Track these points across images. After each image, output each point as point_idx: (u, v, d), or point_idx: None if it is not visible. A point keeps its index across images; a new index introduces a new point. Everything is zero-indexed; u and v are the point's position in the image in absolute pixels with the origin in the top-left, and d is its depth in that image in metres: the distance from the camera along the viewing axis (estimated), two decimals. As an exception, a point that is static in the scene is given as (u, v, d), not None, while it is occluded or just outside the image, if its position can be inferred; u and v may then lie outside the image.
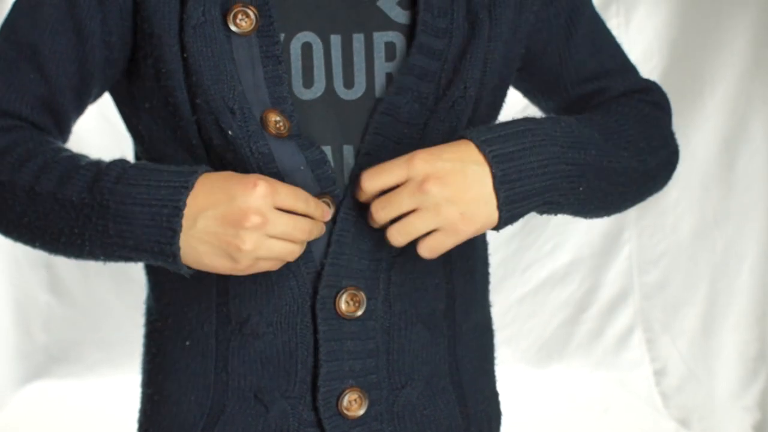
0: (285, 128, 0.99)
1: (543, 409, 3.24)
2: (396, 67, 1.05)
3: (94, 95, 1.07)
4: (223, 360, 1.05)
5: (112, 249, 0.95)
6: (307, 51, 1.02)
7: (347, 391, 1.04)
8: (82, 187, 0.94)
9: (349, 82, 1.03)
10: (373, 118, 1.01)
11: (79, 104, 1.05)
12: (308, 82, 1.02)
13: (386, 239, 0.97)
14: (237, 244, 0.92)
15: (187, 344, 1.08)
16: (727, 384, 3.17)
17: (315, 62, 1.02)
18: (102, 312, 3.33)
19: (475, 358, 1.16)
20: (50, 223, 0.96)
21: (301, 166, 1.00)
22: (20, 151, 0.98)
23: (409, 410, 1.08)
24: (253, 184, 0.92)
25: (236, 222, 0.92)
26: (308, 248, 1.01)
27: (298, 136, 1.00)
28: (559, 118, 1.04)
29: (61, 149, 1.00)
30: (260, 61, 0.99)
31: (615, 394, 3.34)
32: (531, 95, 1.23)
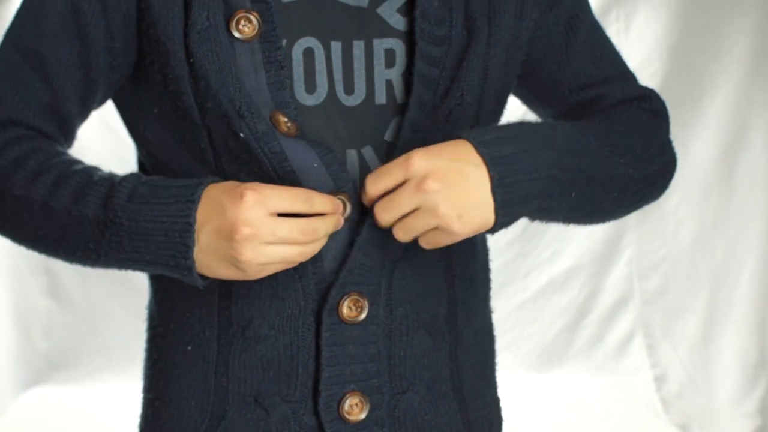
0: (294, 128, 1.00)
1: (543, 415, 3.24)
2: (395, 74, 1.05)
3: (99, 101, 1.08)
4: (224, 364, 1.05)
5: (128, 263, 0.98)
6: (309, 57, 1.03)
7: (348, 395, 1.04)
8: (97, 203, 0.96)
9: (350, 89, 1.04)
10: (404, 125, 1.01)
11: (83, 110, 1.06)
12: (310, 87, 1.03)
13: (392, 236, 0.98)
14: (235, 256, 0.93)
15: (189, 349, 1.08)
16: (727, 390, 3.17)
17: (317, 68, 1.03)
18: (102, 318, 3.33)
19: (476, 363, 1.16)
20: (66, 237, 0.98)
21: (315, 164, 1.00)
22: (32, 164, 0.99)
23: (410, 415, 1.08)
24: (240, 195, 0.93)
25: (229, 235, 0.93)
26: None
27: (306, 137, 1.01)
28: (556, 123, 1.05)
29: (73, 161, 1.01)
30: (263, 67, 0.99)
31: (615, 400, 3.33)
32: (529, 102, 1.23)
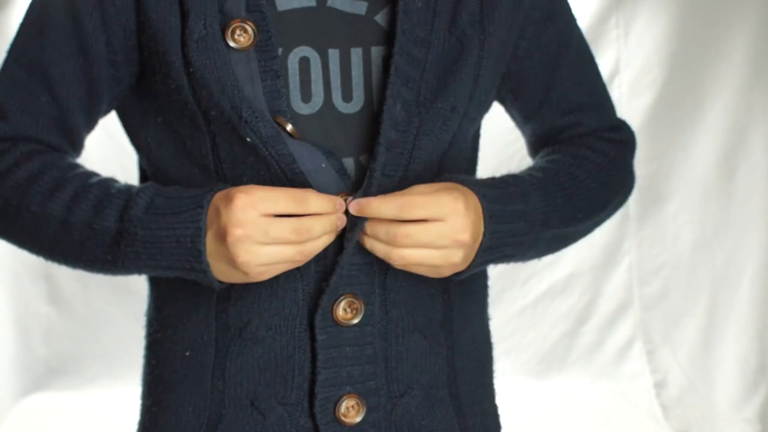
0: (297, 131, 1.00)
1: (543, 421, 3.24)
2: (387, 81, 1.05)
3: (104, 111, 1.10)
4: (221, 368, 1.06)
5: (147, 270, 1.01)
6: (304, 65, 1.03)
7: (345, 397, 1.04)
8: (115, 216, 0.98)
9: (348, 96, 1.04)
10: (382, 130, 1.01)
11: (90, 121, 1.09)
12: (306, 96, 1.03)
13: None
14: (232, 259, 0.95)
15: (187, 354, 1.08)
16: (727, 396, 3.16)
17: (313, 76, 1.03)
18: (102, 324, 3.33)
19: (474, 370, 1.16)
20: (86, 249, 1.01)
21: (323, 164, 1.01)
22: (47, 180, 1.01)
23: (407, 419, 1.08)
24: (230, 198, 0.94)
25: (223, 238, 0.94)
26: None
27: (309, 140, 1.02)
28: (544, 188, 1.09)
29: (87, 174, 1.03)
30: (259, 76, 1.00)
31: (615, 406, 3.33)
32: (511, 115, 1.25)
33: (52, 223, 1.00)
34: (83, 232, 1.00)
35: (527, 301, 3.42)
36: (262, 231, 0.94)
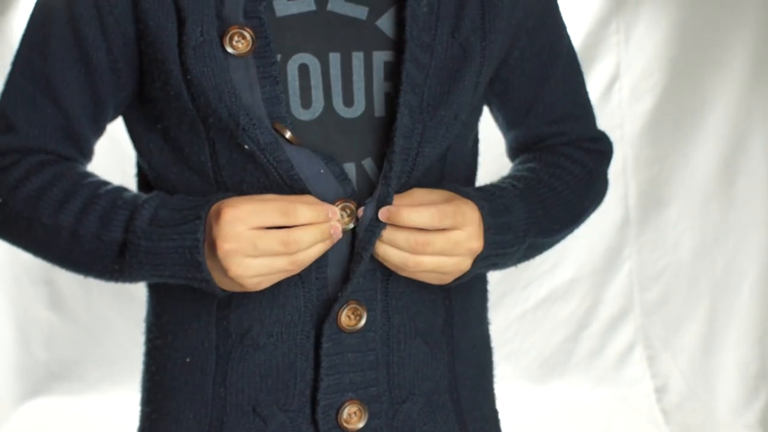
0: (296, 137, 1.00)
1: (544, 426, 3.23)
2: (394, 87, 1.05)
3: (111, 117, 1.11)
4: (222, 375, 1.06)
5: (153, 278, 1.02)
6: (304, 72, 1.03)
7: (347, 403, 1.04)
8: (121, 226, 1.00)
9: (349, 101, 1.04)
10: (396, 137, 1.01)
11: (96, 128, 1.10)
12: (306, 102, 1.03)
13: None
14: (224, 271, 0.96)
15: (188, 361, 1.08)
16: (728, 401, 3.16)
17: (312, 82, 1.03)
18: (103, 329, 3.33)
19: (474, 375, 1.16)
20: (96, 260, 1.02)
21: (321, 170, 1.01)
22: (57, 191, 1.02)
23: (409, 425, 1.09)
24: (218, 213, 0.95)
25: (214, 251, 0.95)
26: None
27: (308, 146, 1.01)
28: (525, 199, 1.11)
29: (97, 184, 1.04)
30: (258, 82, 0.99)
31: (616, 411, 3.33)
32: (495, 118, 1.26)
33: (63, 235, 1.01)
34: (92, 243, 1.01)
35: (528, 305, 3.41)
36: (251, 244, 0.94)
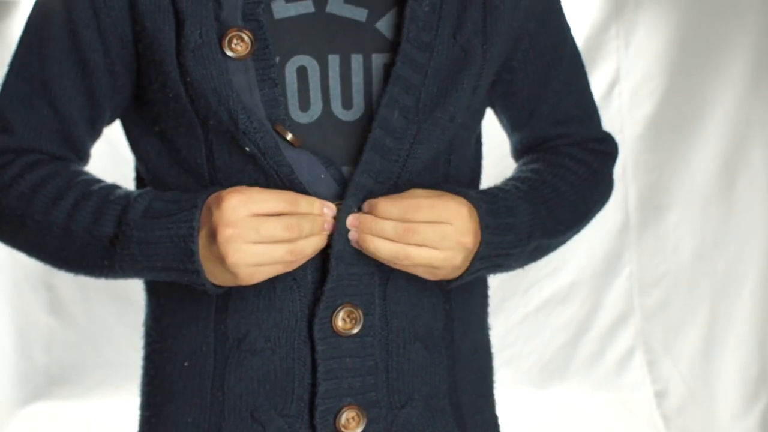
0: (297, 139, 1.00)
1: (544, 431, 3.23)
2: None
3: (107, 120, 1.11)
4: (220, 379, 1.05)
5: (144, 272, 1.02)
6: (302, 74, 1.03)
7: (345, 408, 1.04)
8: (113, 221, 0.99)
9: (348, 103, 1.04)
10: (371, 134, 1.01)
11: (93, 131, 1.10)
12: (304, 104, 1.03)
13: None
14: (222, 258, 0.95)
15: (186, 365, 1.08)
16: (728, 406, 3.16)
17: (311, 85, 1.03)
18: (103, 333, 3.33)
19: (474, 380, 1.16)
20: (86, 255, 1.02)
21: (322, 174, 1.01)
22: (50, 188, 1.02)
23: (408, 430, 1.08)
24: (222, 197, 0.95)
25: (214, 237, 0.95)
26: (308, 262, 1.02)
27: (309, 148, 1.02)
28: (530, 201, 1.11)
29: (89, 181, 1.04)
30: (257, 84, 1.00)
31: (616, 416, 3.33)
32: (500, 120, 1.26)
33: (55, 231, 1.01)
34: (84, 239, 1.01)
35: (528, 310, 3.41)
36: (253, 229, 0.94)
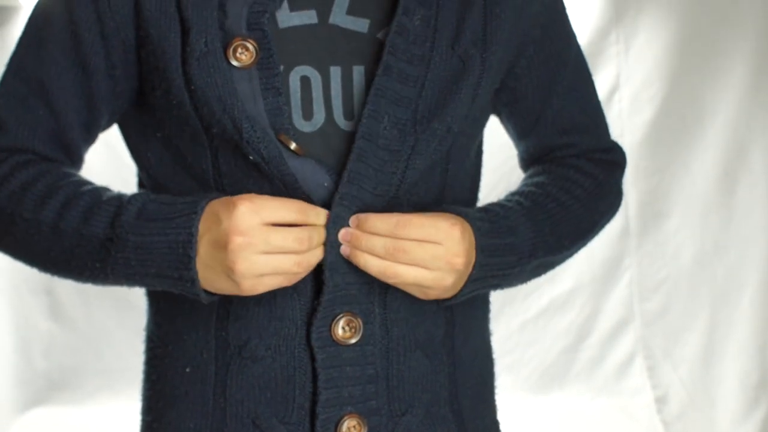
0: (300, 148, 1.00)
1: (544, 437, 3.23)
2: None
3: (104, 126, 1.10)
4: (222, 386, 1.05)
5: (135, 278, 1.00)
6: (305, 84, 1.03)
7: (346, 417, 1.04)
8: (105, 222, 0.98)
9: (349, 114, 1.03)
10: (354, 145, 1.01)
11: (88, 136, 1.09)
12: (307, 114, 1.03)
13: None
14: (229, 266, 0.94)
15: (187, 371, 1.08)
16: (728, 412, 3.15)
17: (314, 95, 1.03)
18: (103, 339, 3.32)
19: (475, 386, 1.16)
20: (75, 257, 1.00)
21: (325, 183, 1.01)
22: (40, 187, 1.01)
23: (409, 437, 1.08)
24: (233, 205, 0.94)
25: (223, 245, 0.94)
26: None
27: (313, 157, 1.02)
28: (533, 218, 1.10)
29: (81, 182, 1.03)
30: (261, 93, 1.00)
31: (616, 422, 3.32)
32: (506, 128, 1.25)
33: (44, 230, 1.00)
34: (73, 239, 0.99)
35: (528, 316, 3.41)
36: (264, 239, 0.94)
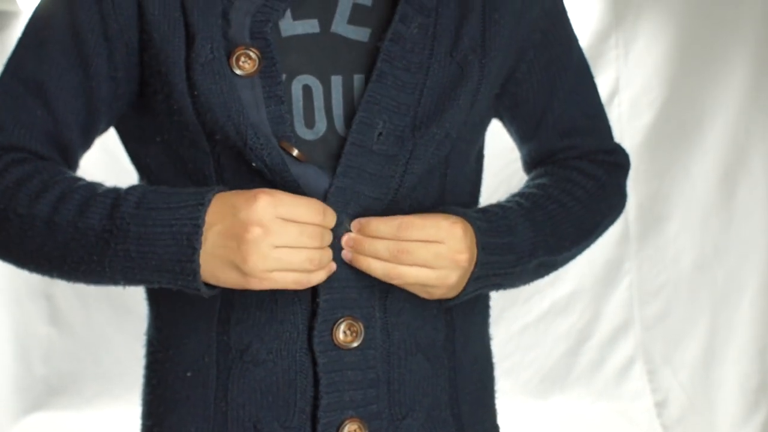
0: (303, 154, 1.00)
1: (544, 441, 3.23)
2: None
3: (101, 129, 1.09)
4: (223, 390, 1.05)
5: (134, 272, 0.97)
6: (307, 93, 1.03)
7: (347, 421, 1.03)
8: (103, 214, 0.96)
9: (350, 122, 1.03)
10: (343, 152, 1.01)
11: (86, 139, 1.07)
12: (309, 122, 1.03)
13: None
14: (242, 257, 0.93)
15: (188, 375, 1.07)
16: (728, 416, 3.15)
17: (315, 104, 1.03)
18: (102, 344, 3.33)
19: (476, 390, 1.16)
20: (70, 251, 0.98)
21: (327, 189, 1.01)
22: (35, 183, 0.99)
23: (410, 442, 1.08)
24: (254, 197, 0.94)
25: (238, 235, 0.93)
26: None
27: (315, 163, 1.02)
28: (532, 218, 1.10)
29: (76, 178, 1.02)
30: (263, 101, 1.00)
31: (616, 426, 3.32)
32: (509, 132, 1.26)
33: (38, 225, 0.98)
34: (67, 233, 0.97)
35: (528, 319, 3.41)
36: (280, 233, 0.93)
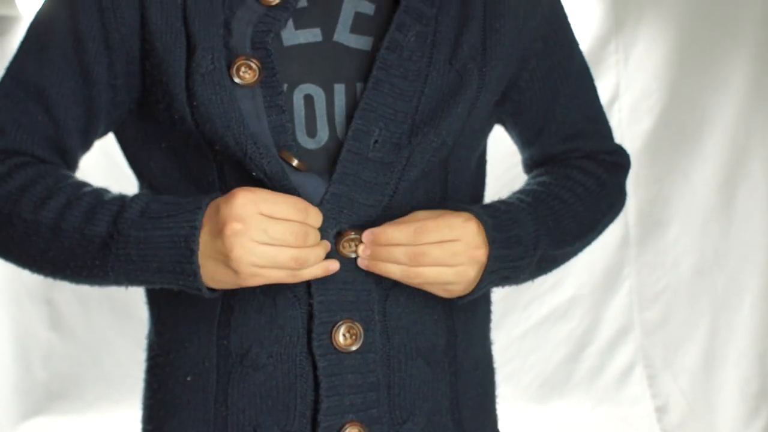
0: (303, 164, 1.01)
1: (544, 446, 3.23)
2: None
3: (100, 133, 1.10)
4: (223, 394, 1.05)
5: (136, 274, 0.99)
6: (309, 102, 1.03)
7: (347, 425, 1.04)
8: (108, 221, 0.97)
9: None
10: (339, 159, 1.02)
11: (85, 143, 1.08)
12: (311, 131, 1.03)
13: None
14: (226, 253, 0.94)
15: (189, 379, 1.08)
16: (728, 421, 3.15)
17: (317, 113, 1.03)
18: (102, 348, 3.33)
19: (476, 395, 1.16)
20: (75, 256, 0.99)
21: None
22: (40, 188, 1.00)
23: (410, 446, 1.08)
24: (233, 194, 0.94)
25: (220, 231, 0.94)
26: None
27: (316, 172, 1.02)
28: (534, 212, 1.11)
29: (81, 183, 1.03)
30: (264, 111, 1.00)
31: (616, 431, 3.32)
32: (511, 136, 1.26)
33: (43, 231, 0.99)
34: (74, 239, 0.98)
35: (528, 325, 3.41)
36: (261, 229, 0.94)
